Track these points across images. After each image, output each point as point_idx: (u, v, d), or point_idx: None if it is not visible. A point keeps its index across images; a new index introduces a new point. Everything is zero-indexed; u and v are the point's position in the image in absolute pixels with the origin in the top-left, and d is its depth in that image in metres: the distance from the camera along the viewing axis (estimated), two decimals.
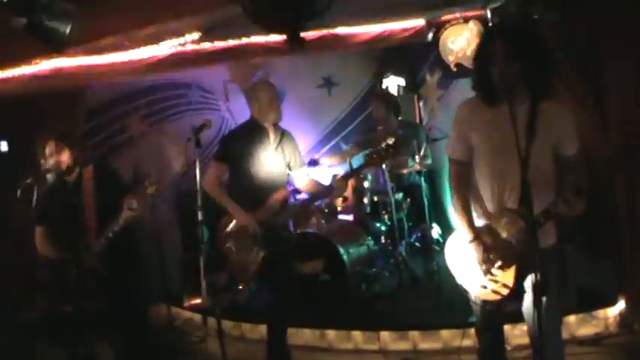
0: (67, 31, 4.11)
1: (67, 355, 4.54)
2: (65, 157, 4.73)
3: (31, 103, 6.61)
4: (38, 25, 4.10)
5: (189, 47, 6.55)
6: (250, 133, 4.91)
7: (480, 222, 3.48)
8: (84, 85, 7.08)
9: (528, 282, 3.33)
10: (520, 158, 2.99)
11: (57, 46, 4.30)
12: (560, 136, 3.31)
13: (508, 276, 3.35)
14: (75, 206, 4.73)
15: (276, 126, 4.97)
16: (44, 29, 4.12)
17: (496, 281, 3.37)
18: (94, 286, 4.51)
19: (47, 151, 4.72)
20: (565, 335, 4.88)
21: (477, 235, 3.42)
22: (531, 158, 3.12)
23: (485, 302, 3.54)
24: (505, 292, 3.37)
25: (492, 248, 3.37)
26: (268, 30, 5.34)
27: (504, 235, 3.33)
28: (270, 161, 4.88)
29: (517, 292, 3.40)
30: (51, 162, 4.70)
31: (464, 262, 3.51)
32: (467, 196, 3.53)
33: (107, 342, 4.81)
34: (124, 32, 5.78)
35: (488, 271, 3.37)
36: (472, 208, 3.51)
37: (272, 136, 4.92)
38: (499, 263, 3.34)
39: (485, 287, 3.43)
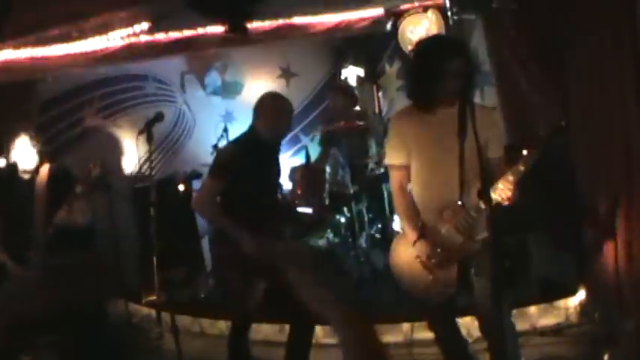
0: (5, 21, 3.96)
1: None
2: (24, 153, 4.63)
3: None
4: None
5: (143, 38, 6.42)
6: (249, 147, 4.44)
7: (421, 222, 3.58)
8: (35, 77, 6.90)
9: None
10: (460, 154, 3.20)
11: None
12: (486, 137, 3.35)
13: (452, 272, 3.45)
14: (26, 203, 4.57)
15: (280, 142, 4.75)
16: None
17: (440, 280, 3.46)
18: (41, 283, 4.42)
19: (11, 145, 4.63)
20: (526, 326, 4.93)
21: (422, 233, 3.50)
22: (465, 154, 3.22)
23: (433, 302, 3.60)
24: (451, 290, 3.49)
25: (437, 244, 3.46)
26: (207, 18, 5.20)
27: (446, 228, 3.46)
28: (269, 179, 4.66)
29: (465, 285, 3.51)
30: (16, 157, 4.61)
31: (408, 265, 3.58)
32: (410, 199, 3.66)
33: (54, 349, 4.72)
34: (72, 22, 5.62)
35: (435, 268, 3.45)
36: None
37: (274, 151, 4.68)
38: (445, 257, 3.44)
39: (430, 288, 3.50)
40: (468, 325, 4.52)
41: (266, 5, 4.43)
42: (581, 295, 5.04)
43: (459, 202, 3.31)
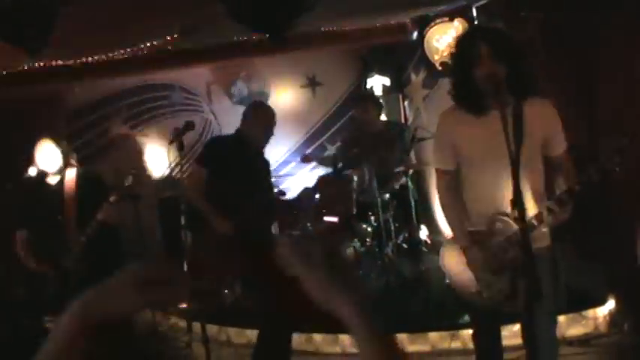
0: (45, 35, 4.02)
1: None
2: (57, 160, 4.65)
3: (10, 104, 6.50)
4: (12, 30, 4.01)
5: (172, 48, 6.47)
6: (234, 145, 4.85)
7: (471, 229, 3.42)
8: (65, 87, 6.99)
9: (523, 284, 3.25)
10: (511, 162, 2.91)
11: (34, 50, 4.21)
12: (547, 135, 3.27)
13: (503, 281, 3.29)
14: (57, 210, 4.62)
15: (262, 147, 4.96)
16: (20, 35, 4.03)
17: (491, 287, 3.32)
18: (77, 292, 4.41)
19: (37, 152, 4.63)
20: None
21: (472, 241, 3.35)
22: (521, 161, 2.97)
23: (482, 307, 3.46)
24: (500, 297, 3.32)
25: (488, 253, 3.31)
26: (251, 29, 5.25)
27: (498, 240, 3.28)
28: (250, 177, 4.80)
29: (512, 294, 3.31)
30: (42, 164, 4.62)
31: (460, 270, 3.43)
32: (457, 205, 3.49)
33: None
34: (102, 33, 5.68)
35: (484, 277, 3.32)
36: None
37: (256, 156, 4.89)
38: (495, 268, 3.29)
39: (481, 293, 3.36)
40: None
41: (304, 16, 4.46)
42: (610, 304, 4.99)
43: (511, 212, 3.02)
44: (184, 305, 5.94)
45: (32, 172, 4.66)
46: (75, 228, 4.56)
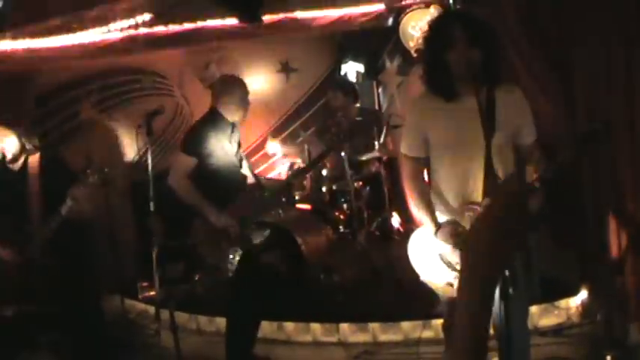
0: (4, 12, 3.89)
1: None
2: (11, 144, 4.52)
3: None
4: None
5: (142, 31, 6.36)
6: (215, 127, 4.67)
7: (442, 218, 3.37)
8: (32, 69, 6.84)
9: None
10: (486, 151, 2.91)
11: None
12: (518, 123, 3.23)
13: None
14: (19, 196, 4.53)
15: (240, 121, 4.82)
16: None
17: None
18: (39, 282, 4.35)
19: (5, 136, 4.51)
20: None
21: (442, 228, 3.30)
22: (492, 149, 3.01)
23: (451, 298, 3.40)
24: None
25: (458, 242, 3.24)
26: (222, 8, 5.16)
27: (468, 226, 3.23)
28: (233, 157, 4.72)
29: None
30: (8, 147, 4.50)
31: (429, 260, 3.38)
32: (426, 192, 3.45)
33: (50, 350, 4.69)
34: (72, 13, 5.57)
35: (454, 266, 3.26)
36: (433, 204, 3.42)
37: (234, 131, 4.76)
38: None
39: (451, 284, 3.31)
40: None
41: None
42: (583, 294, 4.99)
43: (482, 201, 3.08)
44: (152, 292, 5.88)
45: None
46: (39, 215, 4.48)
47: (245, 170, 4.92)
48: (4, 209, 4.54)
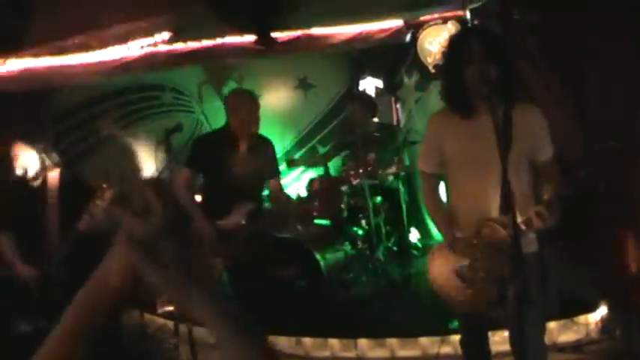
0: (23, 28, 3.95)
1: None
2: (32, 161, 4.56)
3: None
4: None
5: (161, 48, 6.42)
6: (222, 141, 4.78)
7: (459, 235, 3.37)
8: (52, 86, 6.92)
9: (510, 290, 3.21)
10: (502, 167, 2.89)
11: (12, 44, 4.14)
12: (535, 141, 3.24)
13: (491, 287, 3.23)
14: (38, 212, 4.56)
15: (252, 134, 4.84)
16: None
17: (477, 292, 3.27)
18: (57, 298, 4.37)
19: (13, 153, 4.55)
20: (546, 342, 4.82)
21: (460, 244, 3.31)
22: (509, 167, 2.98)
23: (469, 314, 3.44)
24: (487, 304, 3.27)
25: (476, 259, 3.25)
26: (234, 29, 5.22)
27: (484, 244, 3.22)
28: (241, 171, 4.74)
29: (500, 299, 3.27)
30: (17, 165, 4.53)
31: (447, 278, 3.38)
32: (443, 208, 3.50)
33: None
34: (91, 31, 5.63)
35: (472, 282, 3.26)
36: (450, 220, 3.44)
37: (246, 145, 4.78)
38: (482, 273, 3.23)
39: (467, 300, 3.32)
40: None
41: (289, 17, 4.43)
42: (602, 310, 4.95)
43: (498, 217, 3.07)
44: (171, 307, 5.89)
45: (14, 174, 4.58)
46: (57, 232, 4.51)
47: (273, 184, 4.97)
48: (23, 225, 4.57)
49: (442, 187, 3.66)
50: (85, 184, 4.72)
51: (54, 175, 4.65)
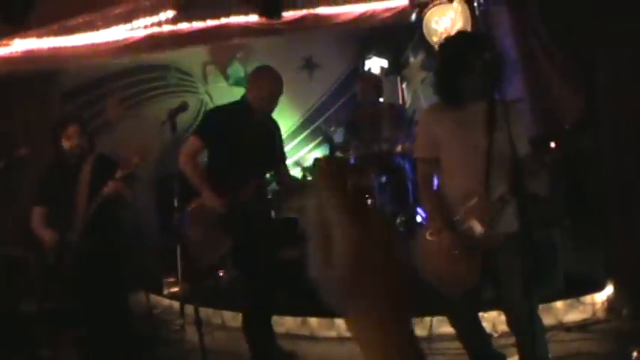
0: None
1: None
2: (84, 142, 4.87)
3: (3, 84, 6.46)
4: None
5: (166, 28, 6.40)
6: (235, 115, 4.65)
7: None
8: (57, 67, 6.92)
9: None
10: (488, 149, 3.30)
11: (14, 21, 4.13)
12: (515, 133, 3.29)
13: (475, 264, 3.44)
14: (73, 189, 4.78)
15: (265, 114, 4.79)
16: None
17: (462, 272, 3.46)
18: (70, 273, 4.55)
19: (67, 134, 4.81)
20: (552, 321, 4.84)
21: (446, 224, 3.49)
22: (494, 150, 3.34)
23: (454, 294, 3.60)
24: (472, 283, 3.48)
25: (461, 236, 3.44)
26: (242, 3, 5.17)
27: (470, 220, 3.42)
28: (251, 147, 4.67)
29: (489, 279, 3.54)
30: (70, 145, 4.81)
31: (432, 257, 3.58)
32: (435, 193, 3.69)
33: (73, 346, 4.87)
34: (96, 10, 5.62)
35: (457, 259, 3.43)
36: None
37: (258, 123, 4.71)
38: (467, 248, 3.41)
39: (452, 279, 3.51)
40: (494, 319, 4.56)
41: None
42: (609, 290, 4.95)
43: (483, 194, 3.35)
44: (177, 288, 5.91)
45: (58, 152, 4.86)
46: (85, 204, 4.73)
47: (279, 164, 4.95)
48: (58, 201, 4.79)
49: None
50: (112, 162, 4.82)
51: (89, 156, 4.90)
